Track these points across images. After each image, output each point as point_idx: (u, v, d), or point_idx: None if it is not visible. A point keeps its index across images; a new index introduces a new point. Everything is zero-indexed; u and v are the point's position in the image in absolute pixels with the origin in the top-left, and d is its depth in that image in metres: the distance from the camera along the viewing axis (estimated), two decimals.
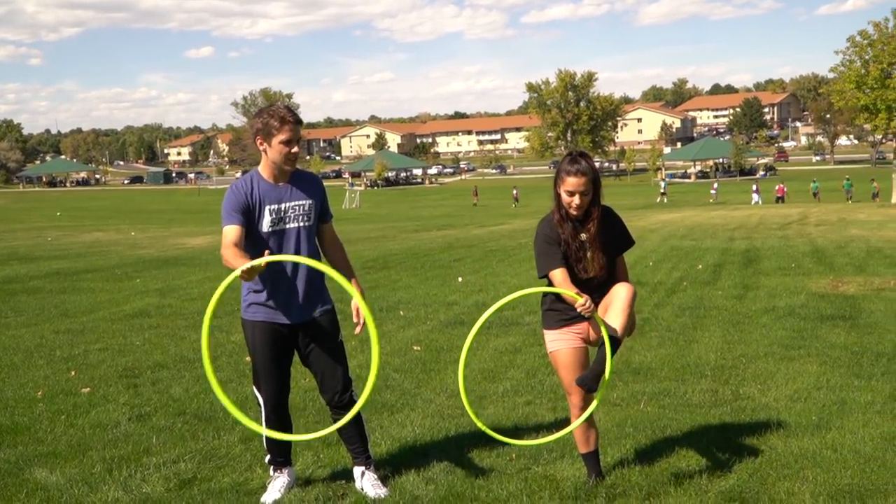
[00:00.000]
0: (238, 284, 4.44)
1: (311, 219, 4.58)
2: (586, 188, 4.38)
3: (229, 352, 8.73)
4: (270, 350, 4.57)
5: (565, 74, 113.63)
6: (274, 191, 4.50)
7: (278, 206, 4.49)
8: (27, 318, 11.41)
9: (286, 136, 4.41)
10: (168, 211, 63.24)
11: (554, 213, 4.50)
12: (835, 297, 11.20)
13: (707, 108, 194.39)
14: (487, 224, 32.77)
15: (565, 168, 4.42)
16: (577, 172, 4.37)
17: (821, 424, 5.63)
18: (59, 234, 32.44)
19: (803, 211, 33.69)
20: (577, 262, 4.46)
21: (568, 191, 4.39)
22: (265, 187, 4.49)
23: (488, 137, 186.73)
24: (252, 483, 4.90)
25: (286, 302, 4.54)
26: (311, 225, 4.59)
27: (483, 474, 4.88)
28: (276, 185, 4.51)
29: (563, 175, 4.42)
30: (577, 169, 4.38)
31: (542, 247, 4.48)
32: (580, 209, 4.41)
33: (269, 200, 4.47)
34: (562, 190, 4.42)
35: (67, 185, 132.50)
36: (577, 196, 4.37)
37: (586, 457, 4.76)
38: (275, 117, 4.41)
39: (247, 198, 4.43)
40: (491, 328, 9.69)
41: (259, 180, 4.51)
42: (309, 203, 4.57)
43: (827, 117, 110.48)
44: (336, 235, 4.83)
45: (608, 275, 4.56)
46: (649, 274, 14.32)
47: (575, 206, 4.40)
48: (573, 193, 4.38)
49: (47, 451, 5.58)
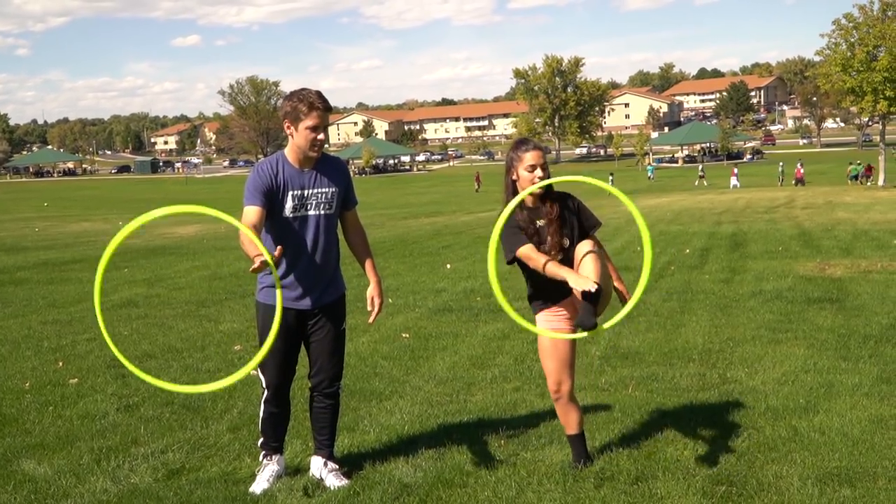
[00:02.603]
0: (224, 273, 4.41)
1: (332, 207, 4.54)
2: (544, 160, 4.63)
3: (217, 341, 8.71)
4: (279, 334, 4.51)
5: (552, 60, 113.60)
6: (299, 176, 4.44)
7: (301, 192, 4.44)
8: (14, 309, 11.35)
9: (313, 122, 4.34)
10: (156, 200, 62.93)
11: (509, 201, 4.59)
12: (822, 280, 11.24)
13: (694, 93, 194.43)
14: (476, 211, 32.74)
15: (519, 149, 4.65)
16: (533, 147, 4.64)
17: (808, 407, 5.65)
18: (46, 225, 32.27)
19: (790, 194, 33.79)
20: (536, 247, 4.55)
21: (529, 165, 4.57)
22: (290, 172, 4.44)
23: (476, 124, 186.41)
24: (241, 472, 4.89)
25: (301, 288, 4.52)
26: (331, 213, 4.55)
27: (472, 461, 4.88)
28: (302, 171, 4.46)
29: (520, 154, 4.62)
30: (532, 145, 4.67)
31: (506, 233, 4.56)
32: (543, 179, 4.55)
33: (293, 186, 4.43)
34: (521, 169, 4.59)
35: (54, 176, 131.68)
36: (539, 168, 4.57)
37: (572, 439, 4.79)
38: (304, 102, 4.33)
39: (271, 180, 4.38)
40: (480, 315, 9.70)
41: (285, 164, 4.45)
42: (332, 191, 4.52)
43: (813, 100, 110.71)
44: (359, 222, 4.80)
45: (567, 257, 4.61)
46: (637, 258, 14.33)
47: (538, 177, 4.55)
48: (534, 167, 4.56)
49: (35, 442, 5.56)
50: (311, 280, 4.51)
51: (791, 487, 4.34)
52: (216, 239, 22.38)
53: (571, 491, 4.41)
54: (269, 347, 4.14)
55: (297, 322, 4.57)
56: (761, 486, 4.39)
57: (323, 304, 4.60)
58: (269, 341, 4.10)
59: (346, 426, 5.51)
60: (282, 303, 4.15)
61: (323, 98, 4.38)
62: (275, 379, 4.59)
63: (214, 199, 61.62)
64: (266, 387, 4.62)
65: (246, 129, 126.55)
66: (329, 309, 4.62)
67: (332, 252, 4.60)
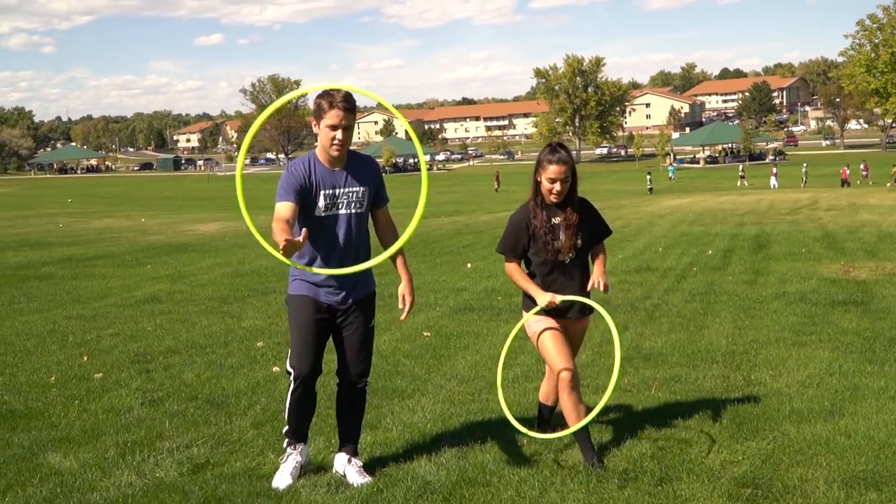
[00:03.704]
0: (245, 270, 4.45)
1: (363, 206, 4.58)
2: (566, 175, 4.71)
3: (240, 337, 8.76)
4: (310, 326, 4.54)
5: (573, 60, 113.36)
6: (330, 176, 4.49)
7: (333, 191, 4.48)
8: (40, 304, 11.46)
9: (333, 120, 4.37)
10: (177, 197, 63.34)
11: (530, 201, 4.83)
12: (846, 283, 11.15)
13: (716, 93, 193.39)
14: (496, 210, 32.71)
15: (546, 157, 4.75)
16: (557, 161, 4.71)
17: (833, 410, 5.61)
18: (70, 221, 32.53)
19: (813, 196, 33.50)
20: (547, 245, 4.79)
21: (549, 178, 4.72)
22: (322, 171, 4.48)
23: (496, 123, 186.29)
24: (264, 468, 4.91)
25: (334, 282, 4.55)
26: (362, 212, 4.59)
27: (494, 459, 4.88)
28: (333, 170, 4.50)
29: (544, 164, 4.75)
30: (558, 158, 4.72)
31: (508, 232, 4.91)
32: (559, 195, 4.75)
33: (325, 185, 4.47)
34: (543, 178, 4.76)
35: (78, 172, 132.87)
36: (558, 183, 4.71)
37: (579, 435, 4.82)
38: (326, 99, 4.37)
39: (304, 180, 4.43)
40: (501, 314, 9.69)
41: (316, 163, 4.50)
42: (363, 190, 4.56)
43: (837, 101, 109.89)
44: (390, 219, 4.83)
45: (584, 260, 4.92)
46: (659, 259, 14.29)
47: (556, 192, 4.73)
48: (554, 181, 4.71)
49: (61, 435, 5.61)
50: (342, 277, 4.53)
51: (816, 491, 4.31)
52: (238, 236, 22.48)
53: (595, 491, 4.40)
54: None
55: (326, 316, 4.59)
56: (786, 489, 4.36)
57: (354, 299, 4.62)
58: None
59: (369, 423, 5.52)
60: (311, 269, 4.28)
61: (347, 98, 4.39)
62: (304, 369, 4.56)
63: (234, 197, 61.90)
64: (294, 378, 4.61)
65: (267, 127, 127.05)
66: (359, 305, 4.64)
67: (362, 250, 4.62)
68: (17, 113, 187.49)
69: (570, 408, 4.80)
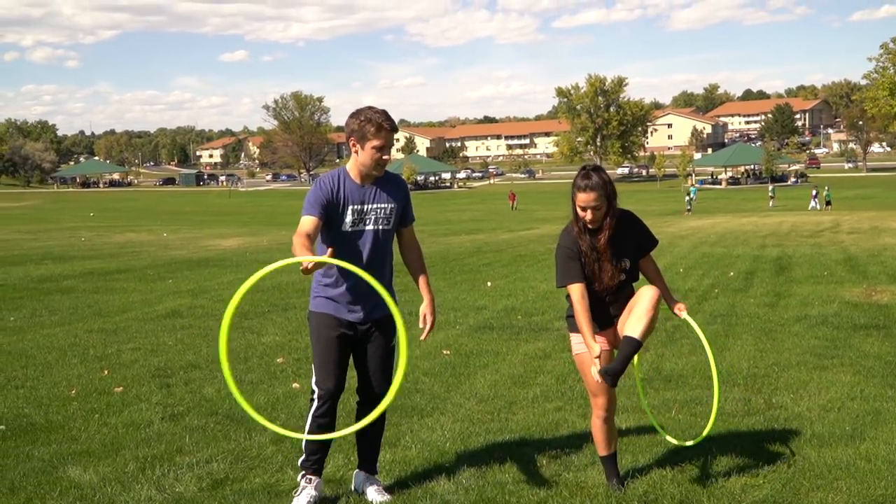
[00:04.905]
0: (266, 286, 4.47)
1: (390, 223, 4.62)
2: (598, 203, 4.45)
3: (260, 353, 8.79)
4: (332, 343, 4.55)
5: (595, 79, 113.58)
6: (359, 191, 4.53)
7: (361, 206, 4.52)
8: (61, 318, 11.56)
9: (380, 142, 4.42)
10: (199, 213, 63.75)
11: (573, 225, 4.58)
12: (868, 306, 11.06)
13: (738, 114, 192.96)
14: (516, 229, 32.71)
15: (577, 184, 4.51)
16: (585, 188, 4.45)
17: (854, 435, 5.56)
18: (92, 235, 32.82)
19: (835, 218, 33.28)
20: (594, 273, 4.54)
21: (580, 206, 4.49)
22: (351, 187, 4.52)
23: (517, 142, 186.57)
24: (283, 484, 4.92)
25: (355, 300, 4.57)
26: (389, 229, 4.62)
27: (514, 480, 4.87)
28: (362, 186, 4.54)
29: (575, 191, 4.51)
30: (587, 185, 4.45)
31: (563, 261, 4.57)
32: (594, 223, 4.50)
33: (353, 201, 4.51)
34: (576, 202, 4.51)
35: (101, 186, 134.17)
36: (590, 211, 4.47)
37: (606, 460, 4.78)
38: (372, 123, 4.41)
39: (332, 195, 4.47)
40: (521, 333, 9.68)
41: (346, 178, 4.54)
42: (391, 207, 4.60)
43: (859, 124, 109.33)
44: (415, 238, 4.86)
45: (627, 280, 4.64)
46: (680, 281, 14.23)
47: (588, 220, 4.49)
48: (585, 209, 4.48)
49: (81, 449, 5.65)
50: (364, 293, 4.53)
51: None
52: (258, 252, 22.59)
53: None
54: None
55: (348, 333, 4.60)
56: None
57: (374, 318, 4.63)
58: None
59: (388, 441, 5.52)
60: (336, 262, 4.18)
61: (389, 118, 4.46)
62: (329, 385, 4.54)
63: (256, 212, 62.25)
64: (318, 397, 4.58)
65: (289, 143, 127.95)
66: (380, 324, 4.65)
67: (386, 267, 4.66)
68: (41, 126, 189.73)
69: (600, 436, 4.73)
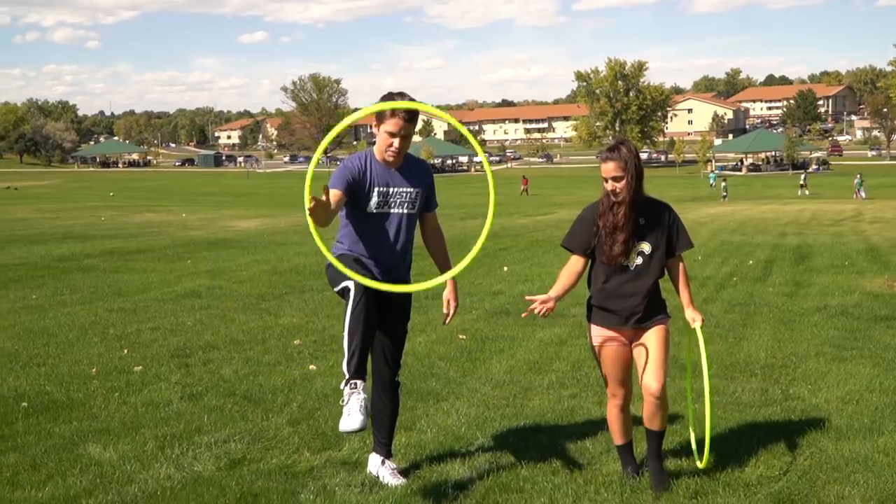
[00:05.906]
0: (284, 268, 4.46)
1: (415, 207, 4.63)
2: (619, 174, 4.46)
3: (277, 335, 8.84)
4: (356, 261, 4.44)
5: (615, 63, 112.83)
6: (385, 174, 4.54)
7: (386, 189, 4.53)
8: (82, 296, 11.66)
9: (391, 127, 4.40)
10: (217, 193, 63.98)
11: (602, 200, 4.59)
12: (890, 297, 10.98)
13: (760, 100, 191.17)
14: (533, 214, 32.64)
15: (602, 154, 4.57)
16: (606, 159, 4.51)
17: (873, 428, 5.53)
18: (112, 214, 33.03)
19: (857, 207, 33.02)
20: (604, 247, 4.55)
21: (603, 176, 4.53)
22: (378, 169, 4.53)
23: (535, 126, 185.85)
24: (300, 465, 4.96)
25: (377, 259, 4.56)
26: (413, 213, 4.64)
27: (528, 466, 4.88)
28: (388, 170, 4.55)
29: (601, 162, 4.57)
30: (608, 156, 4.51)
31: (574, 225, 4.72)
32: (617, 194, 4.49)
33: (379, 183, 4.52)
34: (603, 175, 4.55)
35: (120, 166, 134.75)
36: (610, 182, 4.50)
37: (621, 449, 4.78)
38: (388, 106, 4.34)
39: (359, 174, 4.48)
40: (537, 319, 9.64)
41: (372, 160, 4.55)
42: (415, 191, 4.61)
43: (884, 111, 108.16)
44: (437, 224, 4.87)
45: (652, 273, 4.56)
46: (698, 268, 14.16)
47: (610, 190, 4.50)
48: (607, 179, 4.51)
49: (101, 427, 5.71)
50: (386, 276, 4.54)
51: None
52: (276, 234, 22.67)
53: (629, 502, 4.39)
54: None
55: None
56: None
57: (392, 281, 4.48)
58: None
59: (404, 425, 5.54)
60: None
61: (408, 108, 4.34)
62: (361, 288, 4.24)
63: (273, 194, 62.40)
64: (354, 291, 4.26)
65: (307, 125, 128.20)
66: (396, 302, 4.64)
67: (408, 252, 4.69)
68: (62, 106, 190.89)
69: (616, 426, 4.73)
